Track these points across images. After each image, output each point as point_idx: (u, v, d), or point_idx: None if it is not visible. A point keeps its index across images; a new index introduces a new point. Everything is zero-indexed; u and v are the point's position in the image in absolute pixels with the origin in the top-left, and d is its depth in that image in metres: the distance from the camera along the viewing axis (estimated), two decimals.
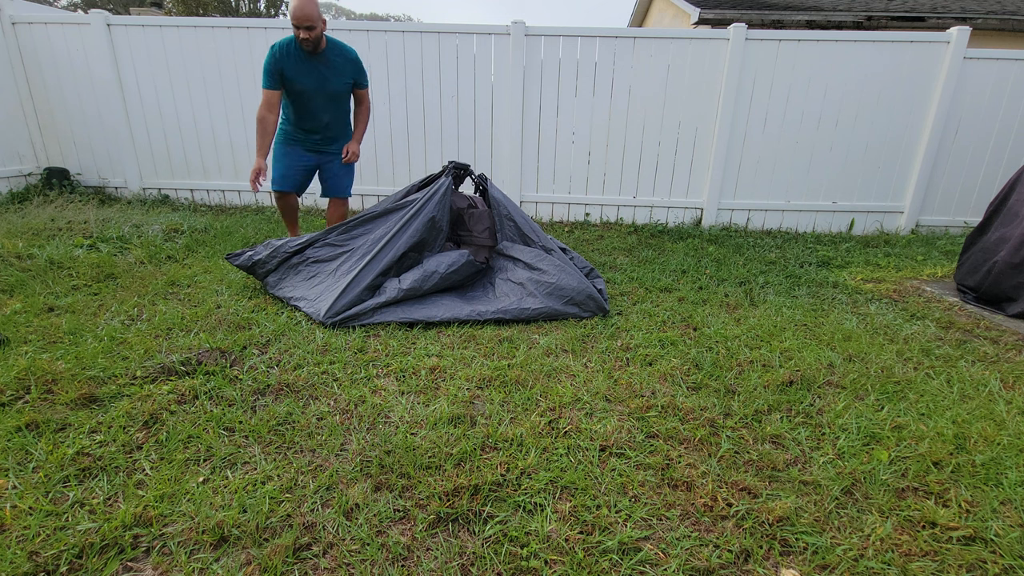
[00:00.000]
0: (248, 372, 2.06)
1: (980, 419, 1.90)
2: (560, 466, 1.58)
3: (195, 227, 4.21)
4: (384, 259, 2.78)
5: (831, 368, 2.28)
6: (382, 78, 4.98)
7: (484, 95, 5.01)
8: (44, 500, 1.37)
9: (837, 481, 1.55)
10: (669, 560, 1.27)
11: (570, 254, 3.27)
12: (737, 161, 5.07)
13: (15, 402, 1.79)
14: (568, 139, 5.12)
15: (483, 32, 4.84)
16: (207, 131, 5.20)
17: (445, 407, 1.86)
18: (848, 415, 1.91)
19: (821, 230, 5.23)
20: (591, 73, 4.90)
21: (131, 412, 1.75)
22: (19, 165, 5.23)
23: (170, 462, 1.54)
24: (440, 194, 2.99)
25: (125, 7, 18.77)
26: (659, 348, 2.42)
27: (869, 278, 3.72)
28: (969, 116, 4.88)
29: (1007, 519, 1.43)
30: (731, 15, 7.86)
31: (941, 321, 2.92)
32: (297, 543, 1.28)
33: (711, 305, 3.03)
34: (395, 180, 5.27)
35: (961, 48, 4.66)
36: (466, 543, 1.31)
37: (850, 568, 1.27)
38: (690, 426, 1.81)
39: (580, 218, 5.35)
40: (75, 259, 3.23)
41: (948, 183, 5.08)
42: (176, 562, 1.21)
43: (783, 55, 4.77)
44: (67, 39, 5.02)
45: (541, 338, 2.51)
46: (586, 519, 1.38)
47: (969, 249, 3.46)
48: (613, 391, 2.04)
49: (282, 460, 1.57)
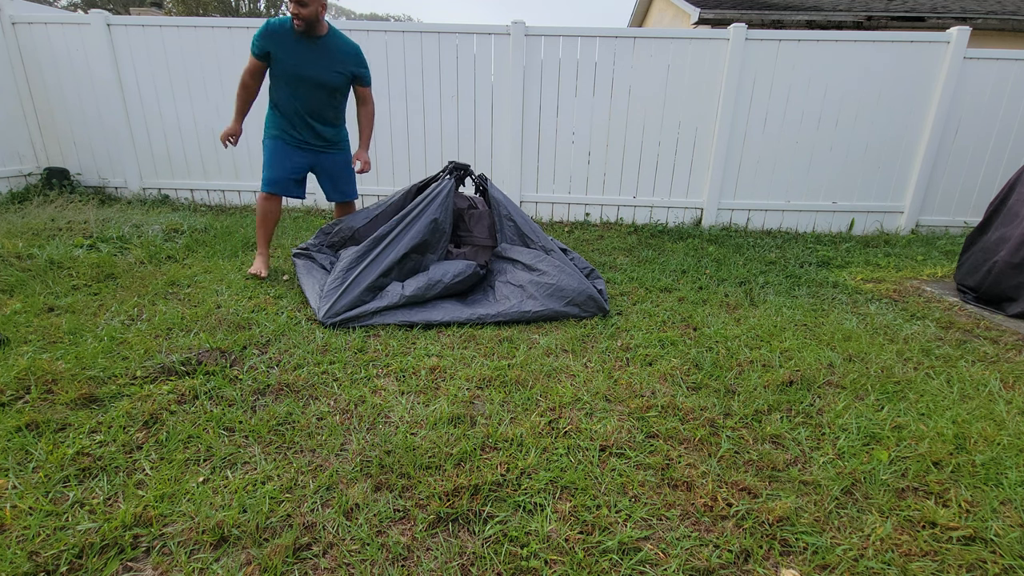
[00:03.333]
0: (248, 372, 2.06)
1: (980, 419, 1.90)
2: (560, 466, 1.58)
3: (195, 227, 4.21)
4: (385, 260, 2.78)
5: (831, 368, 2.28)
6: (382, 78, 4.97)
7: (484, 95, 5.01)
8: (44, 500, 1.37)
9: (837, 481, 1.55)
10: (669, 560, 1.27)
11: (570, 254, 3.27)
12: (737, 161, 5.07)
13: (15, 402, 1.79)
14: (568, 139, 5.12)
15: (483, 32, 4.84)
16: (207, 131, 5.20)
17: (445, 407, 1.86)
18: (848, 415, 1.91)
19: (821, 230, 5.23)
20: (591, 73, 4.90)
21: (131, 412, 1.75)
22: (19, 165, 5.23)
23: (170, 462, 1.54)
24: (443, 196, 2.99)
25: (125, 7, 18.76)
26: (659, 348, 2.42)
27: (869, 278, 3.72)
28: (969, 116, 4.88)
29: (1007, 519, 1.43)
30: (731, 15, 7.86)
31: (941, 321, 2.92)
32: (297, 543, 1.28)
33: (711, 305, 3.03)
34: (395, 180, 5.27)
35: (961, 48, 4.66)
36: (466, 543, 1.31)
37: (850, 568, 1.27)
38: (690, 426, 1.81)
39: (580, 218, 5.35)
40: (75, 259, 3.23)
41: (948, 183, 5.08)
42: (176, 562, 1.21)
43: (783, 55, 4.77)
44: (67, 39, 5.02)
45: (541, 338, 2.51)
46: (586, 519, 1.38)
47: (969, 249, 3.45)
48: (613, 391, 2.04)
49: (282, 460, 1.57)
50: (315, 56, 2.96)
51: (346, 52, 3.04)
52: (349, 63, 3.05)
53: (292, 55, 2.93)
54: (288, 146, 3.12)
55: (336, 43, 3.01)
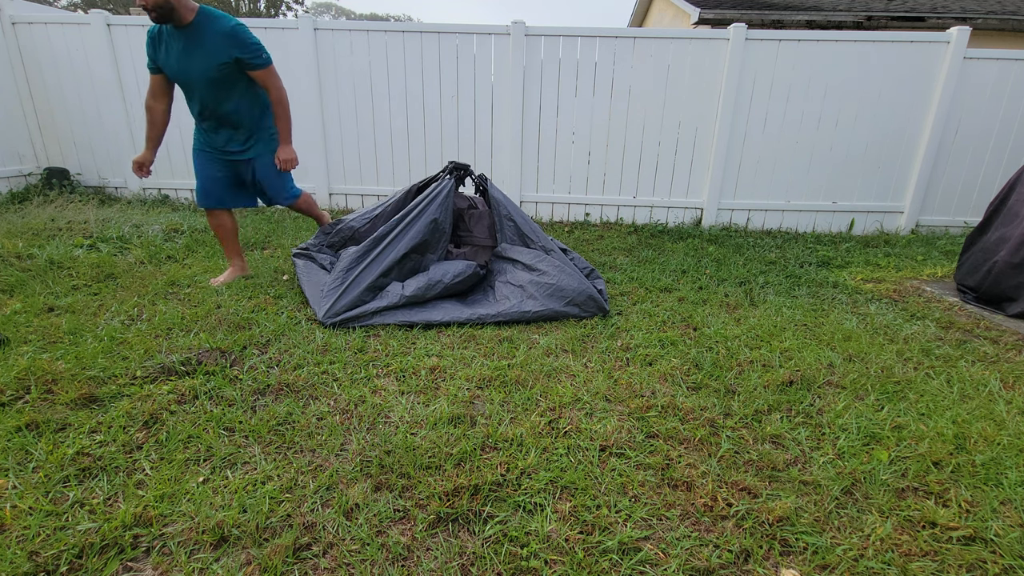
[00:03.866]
0: (248, 372, 2.06)
1: (980, 419, 1.90)
2: (560, 466, 1.58)
3: (195, 227, 4.21)
4: (385, 260, 2.78)
5: (831, 368, 2.28)
6: (382, 78, 4.98)
7: (484, 95, 5.01)
8: (44, 500, 1.37)
9: (837, 481, 1.55)
10: (669, 560, 1.27)
11: (570, 254, 3.27)
12: (737, 161, 5.07)
13: (15, 402, 1.79)
14: (568, 139, 5.12)
15: (483, 32, 4.84)
16: None
17: (445, 407, 1.86)
18: (848, 415, 1.91)
19: (821, 230, 5.23)
20: (591, 73, 4.90)
21: (131, 412, 1.75)
22: (19, 165, 5.23)
23: (170, 462, 1.54)
24: (443, 196, 2.99)
25: (125, 7, 18.77)
26: (659, 348, 2.42)
27: (869, 278, 3.72)
28: (969, 116, 4.88)
29: (1007, 519, 1.43)
30: (731, 15, 7.86)
31: (941, 321, 2.92)
32: (297, 543, 1.28)
33: (711, 305, 3.03)
34: (395, 180, 5.27)
35: (961, 48, 4.66)
36: (466, 543, 1.31)
37: (850, 568, 1.27)
38: (690, 426, 1.81)
39: (580, 218, 5.35)
40: (75, 259, 3.23)
41: (948, 183, 5.08)
42: (176, 562, 1.21)
43: (783, 55, 4.77)
44: (67, 39, 5.02)
45: (541, 338, 2.51)
46: (586, 519, 1.38)
47: (969, 249, 3.45)
48: (613, 391, 2.04)
49: (282, 460, 1.57)
50: (187, 49, 2.55)
51: (218, 34, 2.54)
52: (224, 46, 2.56)
53: (168, 55, 2.58)
54: (206, 158, 2.83)
55: (207, 27, 2.54)
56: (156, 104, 2.71)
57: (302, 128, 5.11)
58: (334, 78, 5.01)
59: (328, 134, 5.18)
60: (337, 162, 5.28)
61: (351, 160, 5.27)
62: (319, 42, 4.91)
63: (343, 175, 5.33)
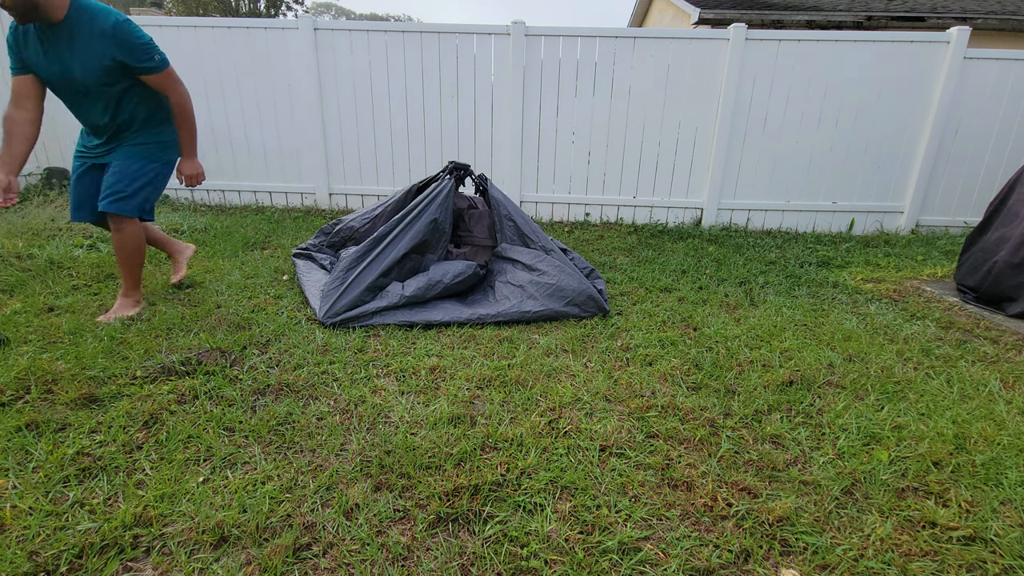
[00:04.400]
0: (248, 372, 2.06)
1: (980, 419, 1.90)
2: (560, 466, 1.58)
3: (195, 227, 4.21)
4: (385, 260, 2.78)
5: (831, 368, 2.28)
6: (382, 78, 4.98)
7: (484, 95, 5.01)
8: (44, 500, 1.37)
9: (837, 481, 1.55)
10: (669, 560, 1.27)
11: (570, 254, 3.27)
12: (737, 161, 5.07)
13: (15, 402, 1.79)
14: (568, 139, 5.12)
15: (483, 32, 4.84)
16: (206, 131, 5.19)
17: (445, 407, 1.86)
18: (848, 415, 1.91)
19: (821, 230, 5.23)
20: (591, 73, 4.90)
21: (131, 412, 1.75)
22: None
23: (170, 462, 1.54)
24: (443, 196, 2.99)
25: (125, 7, 18.76)
26: (659, 348, 2.42)
27: (869, 278, 3.72)
28: (969, 116, 4.88)
29: (1007, 519, 1.43)
30: (731, 15, 7.86)
31: (941, 321, 2.92)
32: (297, 543, 1.28)
33: (711, 305, 3.03)
34: (395, 180, 5.27)
35: (961, 48, 4.66)
36: (466, 543, 1.31)
37: (850, 568, 1.27)
38: (690, 426, 1.81)
39: (580, 218, 5.35)
40: (75, 259, 3.23)
41: (948, 183, 5.08)
42: (176, 562, 1.21)
43: (783, 55, 4.77)
44: None
45: (541, 338, 2.51)
46: (586, 519, 1.38)
47: (969, 249, 3.46)
48: (613, 391, 2.04)
49: (282, 460, 1.57)
50: (58, 48, 2.14)
51: (95, 34, 2.12)
52: (106, 48, 2.14)
53: (36, 55, 2.17)
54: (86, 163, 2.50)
55: (83, 24, 2.11)
56: (16, 113, 2.21)
57: (302, 128, 5.13)
58: (334, 78, 5.01)
59: (328, 134, 5.18)
60: (337, 162, 5.28)
61: (351, 160, 5.27)
62: (319, 42, 4.91)
63: (343, 175, 5.33)
